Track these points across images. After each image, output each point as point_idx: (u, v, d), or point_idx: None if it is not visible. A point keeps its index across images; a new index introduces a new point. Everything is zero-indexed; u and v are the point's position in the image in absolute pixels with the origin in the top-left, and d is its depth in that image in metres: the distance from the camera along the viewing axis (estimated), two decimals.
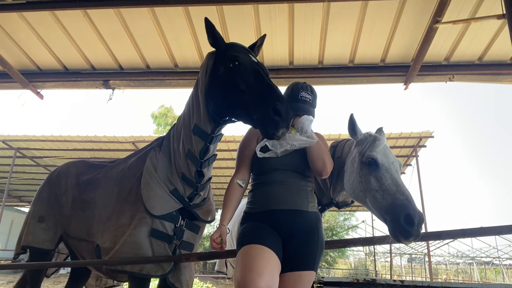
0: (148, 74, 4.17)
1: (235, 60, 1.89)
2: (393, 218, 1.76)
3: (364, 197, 1.97)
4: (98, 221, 2.38)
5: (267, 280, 1.58)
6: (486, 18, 3.08)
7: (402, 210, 1.73)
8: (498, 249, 20.84)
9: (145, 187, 2.19)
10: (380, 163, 1.94)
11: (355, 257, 33.09)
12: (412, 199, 1.79)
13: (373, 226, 15.58)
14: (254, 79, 1.81)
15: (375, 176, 1.92)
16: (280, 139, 1.79)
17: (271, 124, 1.65)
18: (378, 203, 1.87)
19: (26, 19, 3.58)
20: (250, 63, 1.90)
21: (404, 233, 1.72)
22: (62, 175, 2.86)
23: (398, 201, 1.78)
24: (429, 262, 8.92)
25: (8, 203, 14.59)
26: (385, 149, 2.04)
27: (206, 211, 2.38)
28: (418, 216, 1.72)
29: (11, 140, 8.89)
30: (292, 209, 1.85)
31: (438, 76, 3.95)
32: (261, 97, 1.72)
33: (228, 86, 1.88)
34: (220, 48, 2.03)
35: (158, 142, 2.42)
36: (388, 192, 1.83)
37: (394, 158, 2.03)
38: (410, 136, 8.01)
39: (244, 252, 1.73)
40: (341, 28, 3.56)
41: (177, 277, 2.24)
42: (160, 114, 21.19)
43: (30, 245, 2.68)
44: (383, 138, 2.11)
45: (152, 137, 8.77)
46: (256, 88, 1.77)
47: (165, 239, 2.17)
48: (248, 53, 2.00)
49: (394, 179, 1.88)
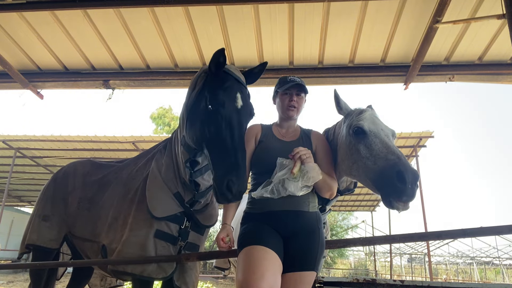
0: (148, 74, 4.17)
1: (217, 103, 1.80)
2: (385, 179, 1.67)
3: (357, 169, 1.88)
4: (104, 222, 2.39)
5: (269, 282, 1.58)
6: (486, 18, 3.08)
7: (394, 168, 1.65)
8: (498, 249, 20.85)
9: (149, 189, 2.20)
10: (367, 130, 1.88)
11: (355, 257, 33.09)
12: (403, 157, 1.71)
13: (373, 226, 15.57)
14: (226, 136, 1.76)
15: (364, 144, 1.86)
16: (279, 185, 1.75)
17: (221, 197, 1.69)
18: (370, 170, 1.78)
19: (26, 19, 3.58)
20: (231, 112, 1.80)
21: (397, 192, 1.62)
22: (69, 174, 2.86)
23: (389, 162, 1.69)
24: (429, 262, 8.91)
25: (8, 203, 14.59)
26: (373, 118, 1.97)
27: (207, 215, 2.37)
28: (411, 173, 1.62)
29: (11, 140, 8.89)
30: (293, 209, 1.84)
31: (438, 76, 3.96)
32: (223, 163, 1.71)
33: (203, 123, 1.83)
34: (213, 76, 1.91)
35: (164, 144, 2.42)
36: (379, 156, 1.76)
37: (384, 126, 1.95)
38: (410, 136, 8.01)
39: (246, 253, 1.72)
40: (341, 28, 3.56)
41: (183, 279, 2.24)
42: (158, 115, 21.21)
43: (35, 243, 2.68)
44: (371, 110, 2.06)
45: (152, 137, 8.77)
46: (222, 147, 1.74)
47: (169, 240, 2.17)
48: (238, 91, 1.87)
49: (384, 143, 1.81)
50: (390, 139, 1.88)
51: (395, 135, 1.97)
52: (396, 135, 1.98)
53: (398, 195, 1.62)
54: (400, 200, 1.64)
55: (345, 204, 13.64)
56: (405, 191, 1.61)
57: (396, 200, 1.65)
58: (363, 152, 1.84)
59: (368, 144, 1.84)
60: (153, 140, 8.25)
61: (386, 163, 1.70)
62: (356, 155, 1.87)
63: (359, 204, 13.72)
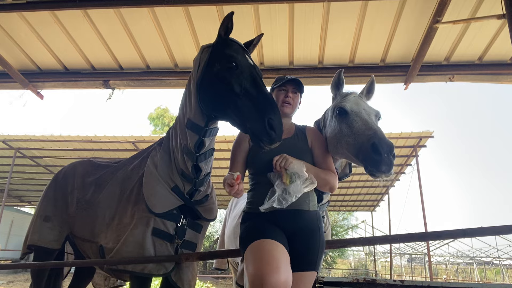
0: (148, 74, 4.17)
1: (233, 61, 1.87)
2: (364, 152, 1.79)
3: (340, 147, 1.97)
4: (101, 222, 2.39)
5: (285, 274, 1.55)
6: (486, 18, 3.08)
7: (369, 141, 1.77)
8: (498, 249, 20.85)
9: (146, 186, 2.20)
10: (349, 110, 1.98)
11: (355, 257, 33.10)
12: (380, 131, 1.82)
13: (373, 226, 15.58)
14: (251, 86, 1.80)
15: (346, 123, 1.96)
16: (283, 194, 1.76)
17: (266, 138, 1.67)
18: (351, 146, 1.89)
19: (26, 19, 3.58)
20: (248, 66, 1.89)
21: (374, 164, 1.74)
22: (69, 175, 2.86)
23: (366, 137, 1.81)
24: (429, 262, 8.90)
25: (8, 203, 14.59)
26: (356, 99, 2.07)
27: (208, 209, 2.37)
28: (386, 144, 1.74)
29: (11, 140, 8.89)
30: (293, 209, 1.83)
31: (438, 76, 3.95)
32: (256, 107, 1.72)
33: (222, 86, 1.86)
34: (218, 43, 1.99)
35: (159, 142, 2.43)
36: (358, 133, 1.87)
37: (367, 106, 2.05)
38: (410, 136, 8.01)
39: (256, 246, 1.68)
40: (341, 28, 3.56)
41: (179, 276, 2.24)
42: (157, 115, 21.19)
43: (36, 244, 2.68)
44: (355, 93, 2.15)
45: (152, 137, 8.78)
46: (252, 96, 1.77)
47: (166, 238, 2.17)
48: (245, 53, 1.98)
49: (363, 120, 1.91)
50: (371, 118, 1.98)
51: (380, 116, 2.07)
52: (381, 116, 2.07)
53: (376, 166, 1.74)
54: (379, 170, 1.75)
55: (345, 204, 13.65)
56: (382, 161, 1.73)
57: (376, 170, 1.76)
58: (345, 131, 1.95)
59: (349, 123, 1.95)
60: (152, 140, 8.24)
61: (364, 138, 1.83)
62: (339, 134, 1.98)
63: (359, 204, 13.72)
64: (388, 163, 1.73)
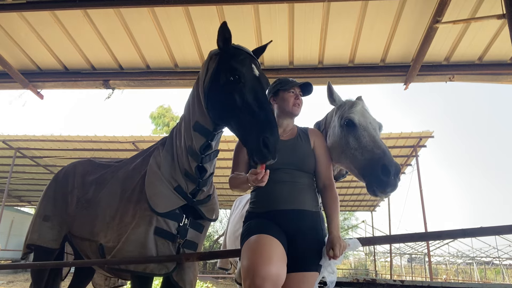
0: (148, 74, 4.17)
1: (237, 74, 1.88)
2: (371, 171, 1.82)
3: (345, 158, 2.01)
4: (102, 221, 2.39)
5: (277, 267, 1.55)
6: (486, 18, 3.08)
7: (379, 162, 1.80)
8: (498, 249, 20.83)
9: (149, 185, 2.20)
10: (357, 123, 2.01)
11: (355, 257, 33.08)
12: (388, 152, 1.86)
13: (373, 226, 15.58)
14: (253, 101, 1.81)
15: (353, 136, 1.99)
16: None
17: (258, 156, 1.69)
18: (357, 160, 1.92)
19: (26, 19, 3.58)
20: (252, 79, 1.90)
21: (381, 184, 1.77)
22: (69, 174, 2.87)
23: (375, 155, 1.84)
24: (429, 262, 8.91)
25: (8, 203, 14.60)
26: (363, 111, 2.11)
27: (210, 209, 2.37)
28: (395, 166, 1.77)
29: (11, 140, 8.89)
30: (296, 209, 1.84)
31: (438, 76, 3.95)
32: (254, 124, 1.74)
33: (227, 97, 1.88)
34: (226, 53, 2.00)
35: (162, 142, 2.43)
36: (366, 149, 1.91)
37: (372, 119, 2.10)
38: (410, 136, 8.01)
39: (252, 241, 1.70)
40: (341, 28, 3.56)
41: (180, 276, 2.24)
42: (158, 115, 21.18)
43: (36, 243, 2.69)
44: (361, 102, 2.17)
45: (152, 137, 8.77)
46: (252, 112, 1.78)
47: (168, 237, 2.17)
48: (252, 63, 1.98)
49: (371, 136, 1.95)
50: (377, 133, 2.03)
51: (382, 128, 2.13)
52: (382, 128, 2.13)
53: (383, 186, 1.78)
54: (385, 191, 1.79)
55: (345, 204, 13.64)
56: (389, 183, 1.77)
57: (380, 190, 1.80)
58: (352, 143, 1.97)
59: (357, 136, 1.98)
60: (153, 140, 8.24)
61: (372, 156, 1.86)
62: (346, 145, 2.00)
63: (359, 204, 13.72)
64: (394, 184, 1.76)
